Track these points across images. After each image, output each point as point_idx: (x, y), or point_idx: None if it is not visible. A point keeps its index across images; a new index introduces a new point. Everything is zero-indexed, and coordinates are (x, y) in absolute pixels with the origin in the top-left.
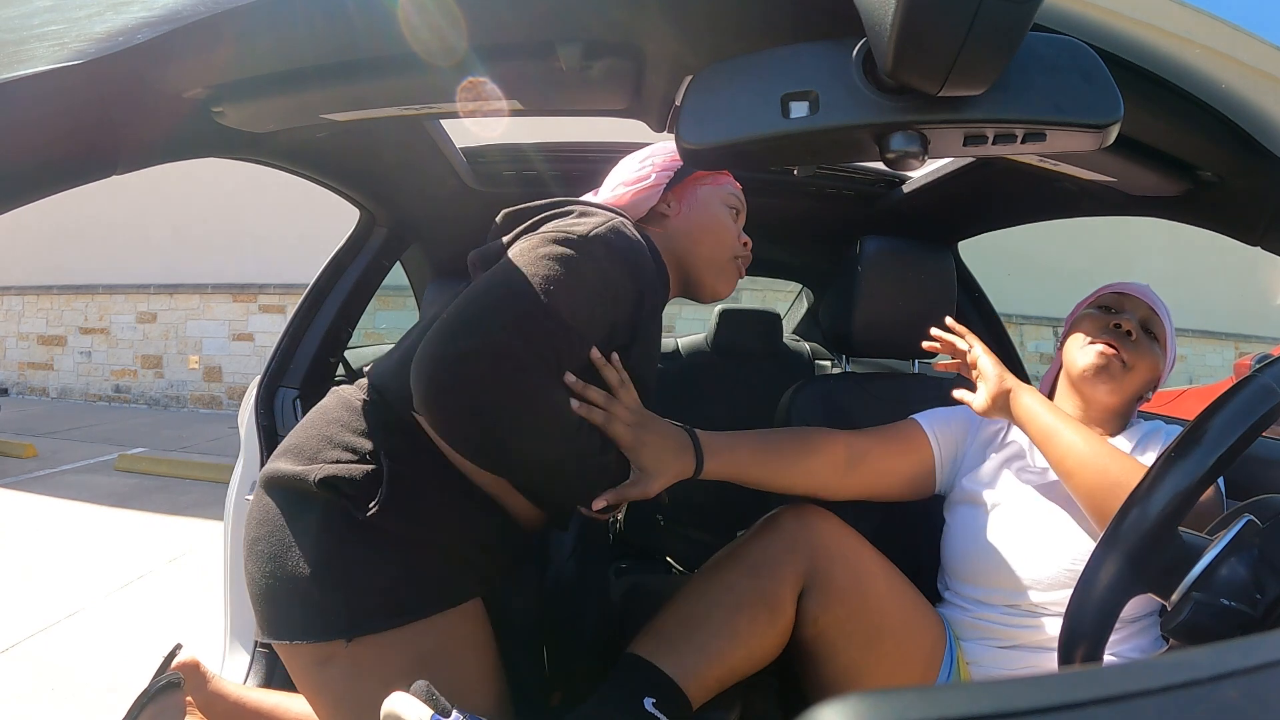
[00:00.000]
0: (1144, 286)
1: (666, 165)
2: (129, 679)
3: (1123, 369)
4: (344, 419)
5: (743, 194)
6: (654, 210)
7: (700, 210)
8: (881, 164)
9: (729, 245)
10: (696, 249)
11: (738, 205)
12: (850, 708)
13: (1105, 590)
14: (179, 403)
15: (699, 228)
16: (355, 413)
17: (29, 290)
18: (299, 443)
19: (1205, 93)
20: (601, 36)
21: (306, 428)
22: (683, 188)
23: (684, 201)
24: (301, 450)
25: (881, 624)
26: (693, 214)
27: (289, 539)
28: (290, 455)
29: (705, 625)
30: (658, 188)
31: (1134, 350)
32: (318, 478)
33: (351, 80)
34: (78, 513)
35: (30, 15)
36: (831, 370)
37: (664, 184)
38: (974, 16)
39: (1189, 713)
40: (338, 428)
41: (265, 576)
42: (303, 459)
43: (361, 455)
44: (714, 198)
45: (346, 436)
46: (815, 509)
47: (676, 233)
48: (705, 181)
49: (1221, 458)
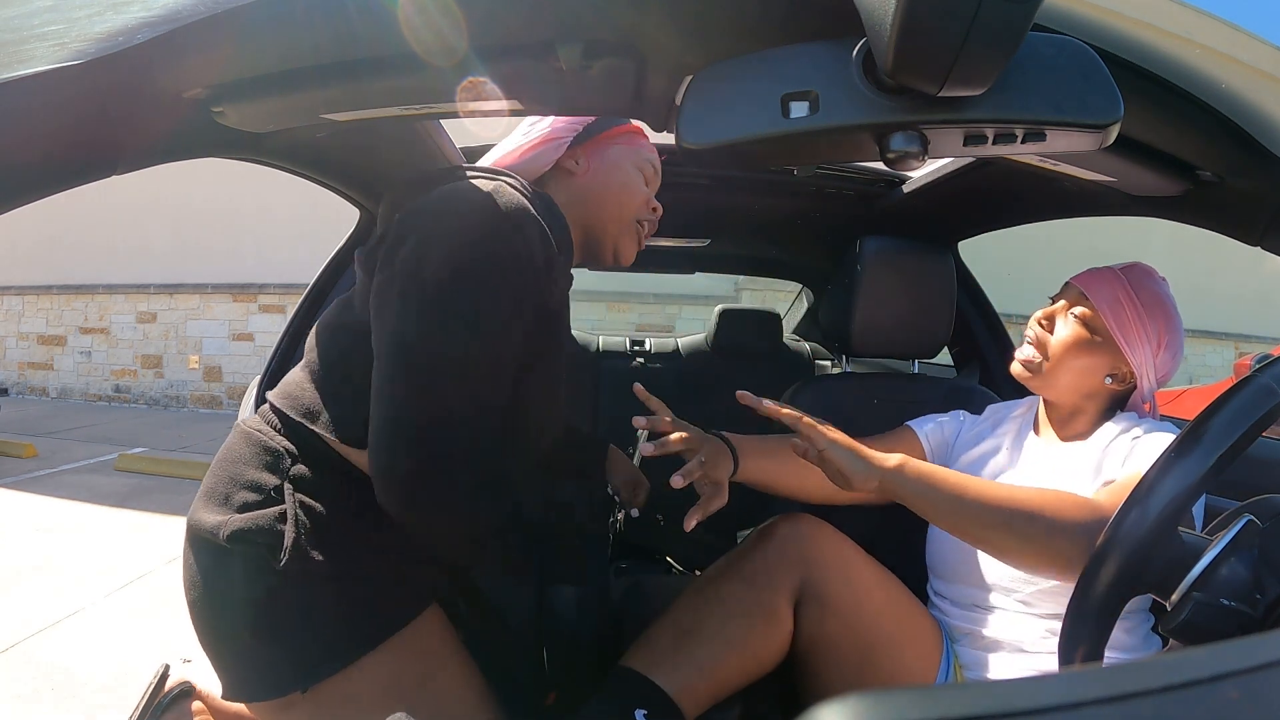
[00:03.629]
0: (1094, 271)
1: (572, 120)
2: (129, 679)
3: (1035, 367)
4: (246, 455)
5: (659, 160)
6: (559, 165)
7: (610, 170)
8: (881, 164)
9: (636, 207)
10: (602, 209)
11: (650, 172)
12: (850, 708)
13: (1105, 590)
14: (179, 403)
15: (606, 186)
16: (257, 446)
17: (29, 290)
18: (211, 485)
19: (1205, 93)
20: (601, 36)
21: (215, 469)
22: (594, 144)
23: (592, 159)
24: (213, 494)
25: (878, 634)
26: (602, 172)
27: (220, 597)
28: (204, 500)
29: (700, 637)
30: (560, 140)
31: (1048, 337)
32: (225, 535)
33: (351, 80)
34: (78, 513)
35: (30, 15)
36: (831, 370)
37: (568, 138)
38: (974, 16)
39: (1189, 713)
40: (242, 465)
41: (208, 639)
42: (215, 504)
43: (267, 493)
44: (626, 158)
45: (251, 474)
46: (811, 519)
47: (582, 190)
48: (619, 141)
49: (1221, 458)
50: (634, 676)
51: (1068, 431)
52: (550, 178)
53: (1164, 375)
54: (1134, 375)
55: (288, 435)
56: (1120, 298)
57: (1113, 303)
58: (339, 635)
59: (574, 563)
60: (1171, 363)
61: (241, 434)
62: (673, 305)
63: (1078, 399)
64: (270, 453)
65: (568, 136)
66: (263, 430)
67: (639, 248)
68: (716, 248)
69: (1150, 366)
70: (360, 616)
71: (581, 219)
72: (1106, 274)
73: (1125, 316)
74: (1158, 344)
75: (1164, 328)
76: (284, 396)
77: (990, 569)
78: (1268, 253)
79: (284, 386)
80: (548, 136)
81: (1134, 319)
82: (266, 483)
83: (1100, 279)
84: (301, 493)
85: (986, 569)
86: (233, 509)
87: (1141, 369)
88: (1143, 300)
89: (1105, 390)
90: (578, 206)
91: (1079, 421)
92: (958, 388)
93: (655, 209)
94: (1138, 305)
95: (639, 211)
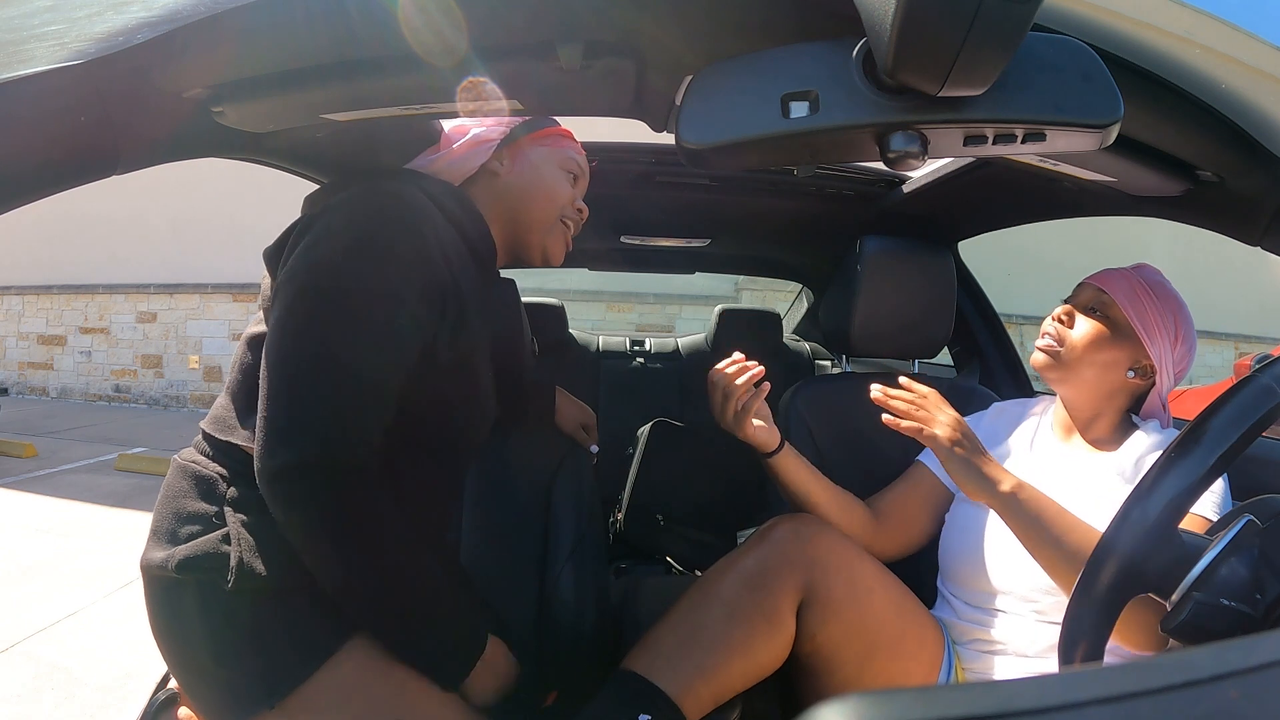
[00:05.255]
0: (1107, 270)
1: (498, 120)
2: (128, 679)
3: (1058, 356)
4: (183, 488)
5: (585, 159)
6: (484, 167)
7: (531, 171)
8: (881, 164)
9: (559, 206)
10: (525, 209)
11: (576, 170)
12: (850, 708)
13: (1105, 590)
14: (179, 403)
15: (529, 187)
16: (191, 477)
17: (29, 290)
18: (157, 524)
19: (1205, 93)
20: (601, 36)
21: (159, 507)
22: (517, 146)
23: (516, 160)
24: (159, 531)
25: (880, 636)
26: (524, 173)
27: (178, 629)
28: (152, 539)
29: (702, 640)
30: (488, 143)
31: (1069, 333)
32: (174, 564)
33: (351, 80)
34: (78, 513)
35: (30, 15)
36: (831, 370)
37: (496, 139)
38: (974, 16)
39: (1189, 713)
40: (181, 499)
41: (177, 671)
42: (162, 541)
43: (208, 520)
44: (550, 159)
45: (190, 505)
46: (811, 519)
47: (505, 191)
48: (543, 142)
49: (1221, 458)
50: (636, 680)
51: (1092, 436)
52: (476, 179)
53: (1180, 370)
54: (1154, 369)
55: (217, 458)
56: (1138, 291)
57: (1131, 295)
58: (295, 648)
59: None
60: (1188, 357)
61: (177, 468)
62: (673, 305)
63: (1099, 399)
64: (204, 481)
65: (495, 139)
66: (196, 460)
67: (566, 248)
68: (717, 248)
69: (1169, 360)
70: (312, 626)
71: (506, 219)
72: (1120, 271)
73: (1144, 308)
74: (1175, 336)
75: (1179, 320)
76: (211, 420)
77: (1009, 577)
78: (1268, 253)
79: (211, 411)
80: (476, 140)
81: (1153, 311)
82: (205, 511)
83: (1116, 274)
84: (240, 512)
85: (1005, 576)
86: (179, 542)
87: (1162, 361)
88: (1157, 294)
89: (1127, 386)
90: (501, 207)
91: (1101, 425)
92: (957, 388)
93: (581, 210)
94: (1154, 298)
95: (563, 211)
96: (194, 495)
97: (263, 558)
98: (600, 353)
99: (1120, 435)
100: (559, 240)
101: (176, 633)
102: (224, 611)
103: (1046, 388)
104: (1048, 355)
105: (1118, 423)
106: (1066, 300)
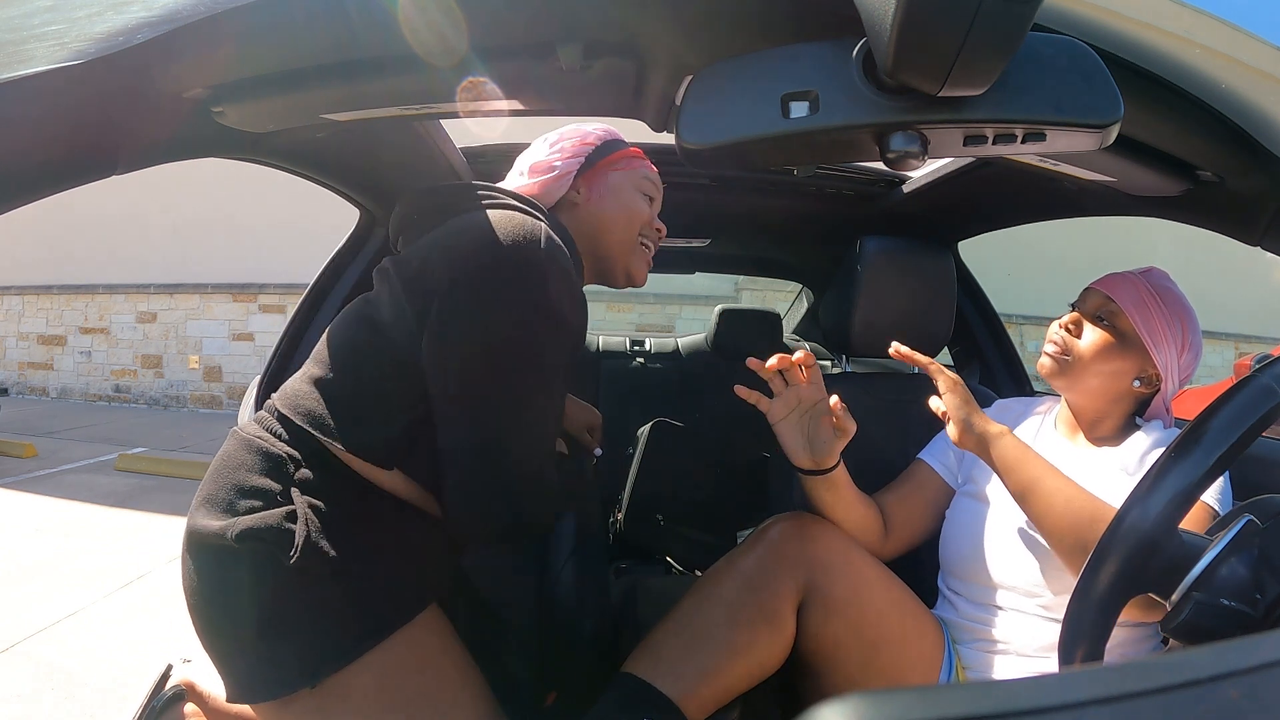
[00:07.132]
0: (1114, 276)
1: (575, 152)
2: (128, 679)
3: (1064, 364)
4: (249, 462)
5: (658, 176)
6: (564, 199)
7: (611, 197)
8: (881, 164)
9: (640, 228)
10: (607, 235)
11: (652, 190)
12: (850, 708)
13: (1105, 590)
14: (179, 403)
15: (610, 214)
16: (259, 454)
17: (29, 290)
18: (211, 492)
19: (1205, 93)
20: (601, 36)
21: (215, 476)
22: (593, 174)
23: (594, 188)
24: (214, 500)
25: (880, 636)
26: (604, 200)
27: (225, 599)
28: (206, 507)
29: (703, 643)
30: (567, 176)
31: (1076, 342)
32: (235, 534)
33: (351, 80)
34: (78, 513)
35: (30, 15)
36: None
37: (574, 171)
38: (974, 16)
39: (1189, 713)
40: (244, 472)
41: (213, 642)
42: (217, 510)
43: (273, 498)
44: (626, 183)
45: (254, 480)
46: (811, 517)
47: (587, 219)
48: (617, 167)
49: (1221, 458)
50: (637, 683)
51: (1096, 435)
52: (556, 211)
53: (1185, 376)
54: (1160, 377)
55: (292, 442)
56: (1145, 299)
57: (1139, 304)
58: (345, 631)
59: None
60: (1194, 363)
61: (241, 440)
62: (673, 305)
63: (1104, 404)
64: (273, 459)
65: (572, 171)
66: (263, 437)
67: (648, 267)
68: (717, 248)
69: (1175, 367)
70: (365, 613)
71: (590, 247)
72: (1128, 277)
73: (1152, 317)
74: (1182, 344)
75: (1187, 328)
76: (290, 404)
77: (1013, 571)
78: (1268, 253)
79: (290, 393)
80: (557, 175)
81: (1160, 320)
82: (270, 488)
83: (1123, 281)
84: (310, 495)
85: (1006, 569)
86: (238, 513)
87: (1168, 369)
88: (1165, 301)
89: (1132, 393)
90: (585, 236)
91: (1105, 425)
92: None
93: (660, 229)
94: (1162, 306)
95: (644, 232)
96: (259, 471)
97: (328, 540)
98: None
99: (1124, 434)
100: (641, 261)
101: (221, 602)
102: (278, 585)
103: (1046, 387)
104: (1054, 362)
105: (1122, 424)
106: (1073, 306)
